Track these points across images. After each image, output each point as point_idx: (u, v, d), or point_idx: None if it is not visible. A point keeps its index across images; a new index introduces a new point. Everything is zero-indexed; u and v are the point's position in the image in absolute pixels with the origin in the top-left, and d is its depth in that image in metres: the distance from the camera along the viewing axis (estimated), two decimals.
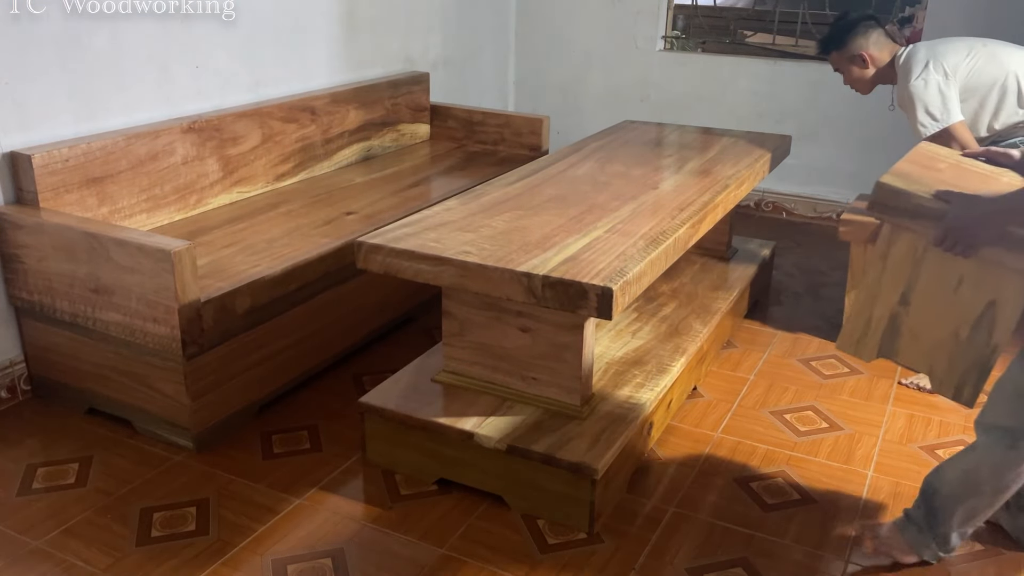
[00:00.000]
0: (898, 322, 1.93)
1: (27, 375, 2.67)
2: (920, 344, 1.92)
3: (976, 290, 1.81)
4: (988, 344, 1.83)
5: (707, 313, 2.87)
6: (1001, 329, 1.81)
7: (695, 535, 2.12)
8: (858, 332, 1.98)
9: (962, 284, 1.82)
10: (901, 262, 1.88)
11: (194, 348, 2.31)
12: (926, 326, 1.90)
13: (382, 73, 4.03)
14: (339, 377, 2.86)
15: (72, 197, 2.57)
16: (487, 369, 2.31)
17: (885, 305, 1.93)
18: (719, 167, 2.90)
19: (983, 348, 1.84)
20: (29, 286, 2.52)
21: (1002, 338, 1.81)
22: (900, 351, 1.96)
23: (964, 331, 1.84)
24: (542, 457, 2.08)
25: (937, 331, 1.88)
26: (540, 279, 1.94)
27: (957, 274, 1.82)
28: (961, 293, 1.83)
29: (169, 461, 2.38)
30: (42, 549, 2.03)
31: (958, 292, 1.83)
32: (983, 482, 1.87)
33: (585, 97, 5.08)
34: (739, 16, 5.26)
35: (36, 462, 2.37)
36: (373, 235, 2.18)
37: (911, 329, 1.92)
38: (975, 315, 1.82)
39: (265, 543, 2.06)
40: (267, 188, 3.31)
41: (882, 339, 1.96)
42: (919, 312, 1.89)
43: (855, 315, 1.99)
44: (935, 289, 1.86)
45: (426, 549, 2.05)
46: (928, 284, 1.86)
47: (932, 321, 1.88)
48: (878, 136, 4.40)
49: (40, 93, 2.57)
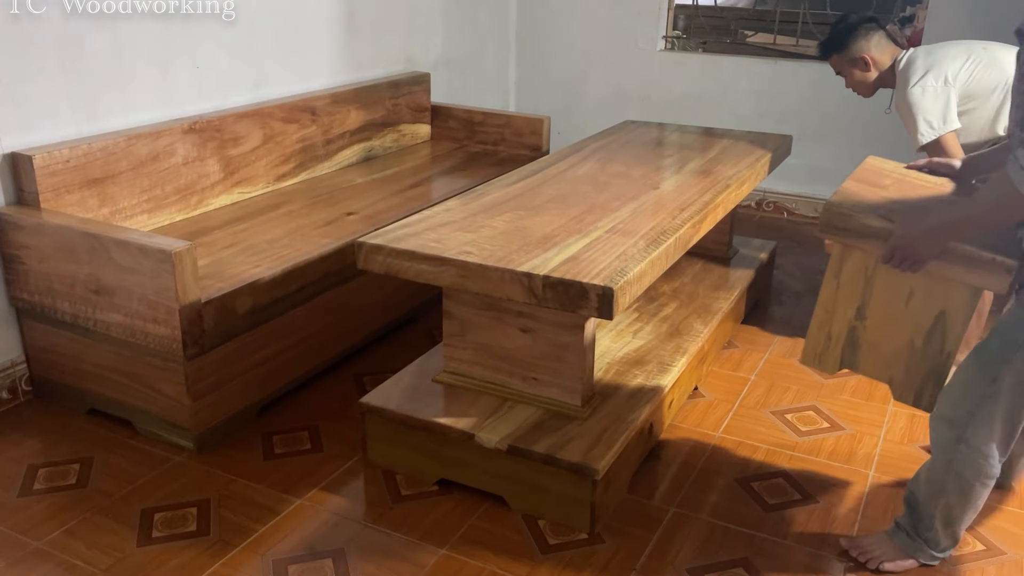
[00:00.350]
0: (856, 335, 2.03)
1: (28, 376, 2.67)
2: (879, 355, 2.02)
3: (926, 302, 1.91)
4: (942, 352, 1.94)
5: (708, 313, 2.87)
6: (952, 337, 1.92)
7: (696, 535, 2.12)
8: (819, 346, 2.08)
9: (913, 297, 1.93)
10: (854, 279, 1.98)
11: (195, 349, 2.32)
12: (883, 338, 1.99)
13: (383, 73, 4.03)
14: (340, 378, 2.86)
15: (73, 198, 2.57)
16: (488, 369, 2.31)
17: (843, 320, 2.03)
18: (720, 167, 2.90)
19: (937, 356, 1.94)
20: (30, 287, 2.52)
21: (954, 345, 1.92)
22: (860, 363, 2.05)
23: (918, 341, 1.95)
24: (543, 457, 2.07)
25: (893, 342, 1.98)
26: (541, 279, 1.94)
27: (907, 288, 1.92)
28: (913, 305, 1.93)
29: (170, 462, 2.38)
30: (43, 550, 2.03)
31: (910, 305, 1.93)
32: (945, 481, 1.87)
33: (586, 97, 5.07)
34: (740, 16, 5.26)
35: (37, 463, 2.37)
36: (374, 235, 2.18)
37: (869, 341, 2.02)
38: (927, 325, 1.93)
39: (266, 543, 2.06)
40: (268, 189, 3.31)
41: (843, 352, 2.06)
42: (875, 325, 1.99)
43: (815, 330, 2.07)
44: (888, 303, 1.95)
45: (427, 549, 2.05)
46: (881, 298, 1.96)
47: (888, 333, 1.98)
48: (879, 136, 4.39)
49: (41, 94, 2.57)
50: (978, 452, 1.82)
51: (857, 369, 2.08)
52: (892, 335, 1.98)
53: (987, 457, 1.82)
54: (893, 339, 1.99)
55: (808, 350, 2.11)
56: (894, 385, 2.04)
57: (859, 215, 1.93)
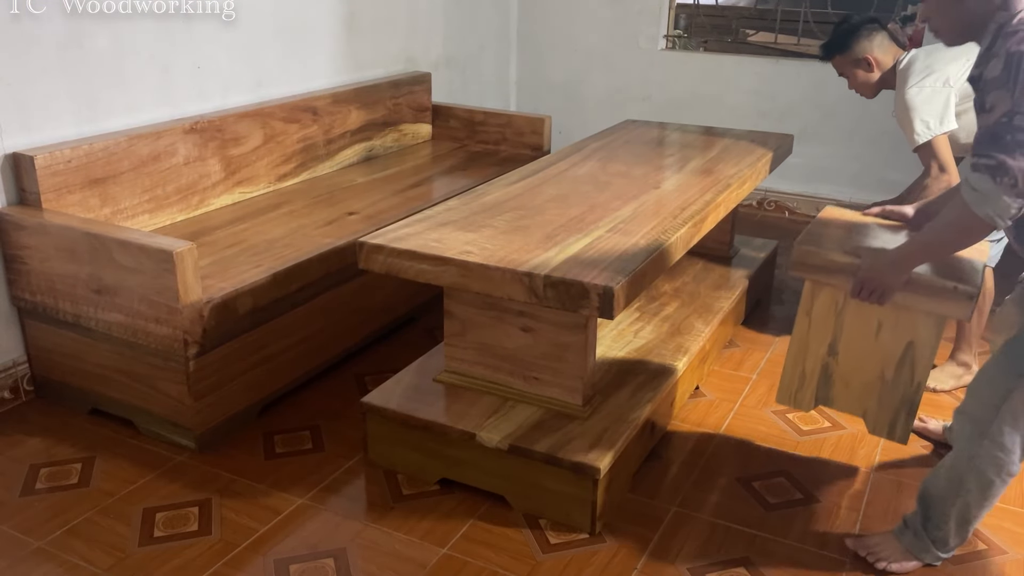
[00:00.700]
0: (829, 371, 2.12)
1: (30, 375, 2.68)
2: (852, 390, 2.11)
3: (895, 334, 2.01)
4: (912, 382, 2.03)
5: (709, 312, 2.87)
6: (921, 367, 2.01)
7: (697, 535, 2.12)
8: (794, 385, 2.17)
9: (882, 329, 2.02)
10: (825, 315, 2.07)
11: (196, 348, 2.32)
12: (855, 372, 2.09)
13: (384, 73, 4.03)
14: (341, 377, 2.86)
15: (74, 198, 2.57)
16: (489, 369, 2.31)
17: (815, 357, 2.12)
18: (721, 166, 2.90)
19: (908, 386, 2.04)
20: (32, 287, 2.52)
21: (923, 375, 2.02)
22: (835, 398, 2.15)
23: (889, 372, 2.04)
24: (544, 457, 2.07)
25: (865, 375, 2.07)
26: (542, 279, 1.94)
27: (876, 321, 2.01)
28: (882, 338, 2.02)
29: (171, 461, 2.38)
30: (45, 549, 2.04)
31: (879, 337, 2.02)
32: (966, 478, 1.88)
33: (587, 97, 5.07)
34: (741, 15, 5.26)
35: (39, 462, 2.37)
36: (375, 235, 2.18)
37: (842, 376, 2.11)
38: (897, 357, 2.03)
39: (267, 543, 2.07)
40: (269, 188, 3.31)
41: (817, 389, 2.15)
42: (847, 360, 2.08)
43: (789, 369, 2.17)
44: (858, 337, 2.05)
45: (428, 549, 2.05)
46: (851, 333, 2.05)
47: (859, 367, 2.07)
48: (880, 134, 4.39)
49: (42, 94, 2.57)
50: (1000, 447, 1.82)
51: (831, 405, 2.17)
52: (864, 368, 2.07)
53: (1009, 453, 1.82)
54: (865, 372, 2.07)
55: (783, 389, 2.20)
56: (868, 418, 2.13)
57: (826, 252, 2.03)
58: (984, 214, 1.69)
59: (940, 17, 1.86)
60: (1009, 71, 1.64)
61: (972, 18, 1.80)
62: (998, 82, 1.66)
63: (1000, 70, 1.66)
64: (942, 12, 1.85)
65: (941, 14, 1.85)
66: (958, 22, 1.83)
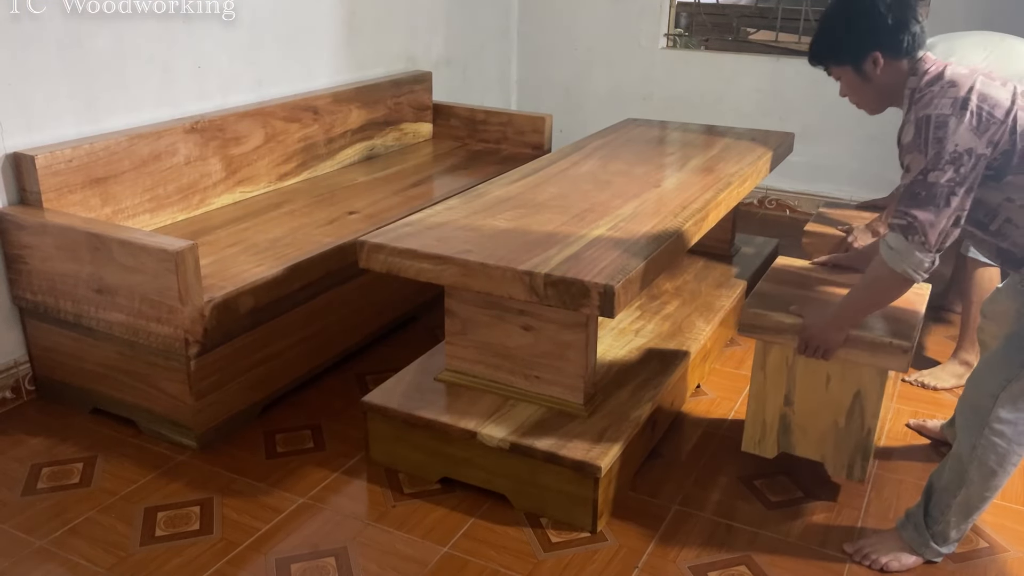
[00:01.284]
0: (788, 420, 2.24)
1: (31, 375, 2.68)
2: (809, 437, 2.23)
3: (843, 384, 2.13)
4: (863, 428, 2.15)
5: (710, 311, 2.87)
6: (870, 414, 2.13)
7: (698, 533, 2.12)
8: (757, 434, 2.29)
9: (831, 381, 2.15)
10: (777, 370, 2.20)
11: (197, 348, 2.32)
12: (810, 421, 2.21)
13: (384, 72, 4.03)
14: (342, 376, 2.86)
15: (75, 197, 2.57)
16: (490, 368, 2.31)
17: (773, 408, 2.24)
18: (722, 165, 2.90)
19: (860, 432, 2.15)
20: (33, 286, 2.52)
21: (872, 421, 2.13)
22: (795, 445, 2.26)
23: (841, 420, 2.17)
24: (545, 455, 2.07)
25: (820, 424, 2.20)
26: (542, 278, 1.94)
27: (824, 373, 2.14)
28: (832, 389, 2.15)
29: (173, 460, 2.38)
30: (47, 549, 2.04)
31: (829, 388, 2.15)
32: (968, 469, 1.88)
33: (587, 95, 5.07)
34: (742, 13, 5.26)
35: (40, 462, 2.37)
36: (376, 234, 2.18)
37: (799, 425, 2.23)
38: (847, 405, 2.15)
39: (269, 542, 2.07)
40: (270, 188, 3.31)
41: (778, 437, 2.27)
42: (802, 410, 2.21)
43: (751, 420, 2.28)
44: (810, 388, 2.18)
45: (429, 548, 2.05)
46: (803, 385, 2.18)
47: (814, 416, 2.20)
48: (881, 133, 4.38)
49: (43, 94, 2.57)
50: (1000, 435, 1.83)
51: (793, 451, 2.27)
52: (818, 417, 2.19)
53: (1010, 442, 1.83)
54: (820, 421, 2.20)
55: (748, 439, 2.31)
56: (827, 462, 2.23)
57: (772, 314, 2.14)
58: (901, 270, 1.83)
59: (856, 96, 1.99)
60: (919, 133, 1.77)
61: (885, 90, 1.93)
62: (912, 145, 1.79)
63: (912, 135, 1.79)
64: (857, 93, 1.97)
65: (857, 94, 1.98)
66: (875, 97, 1.96)
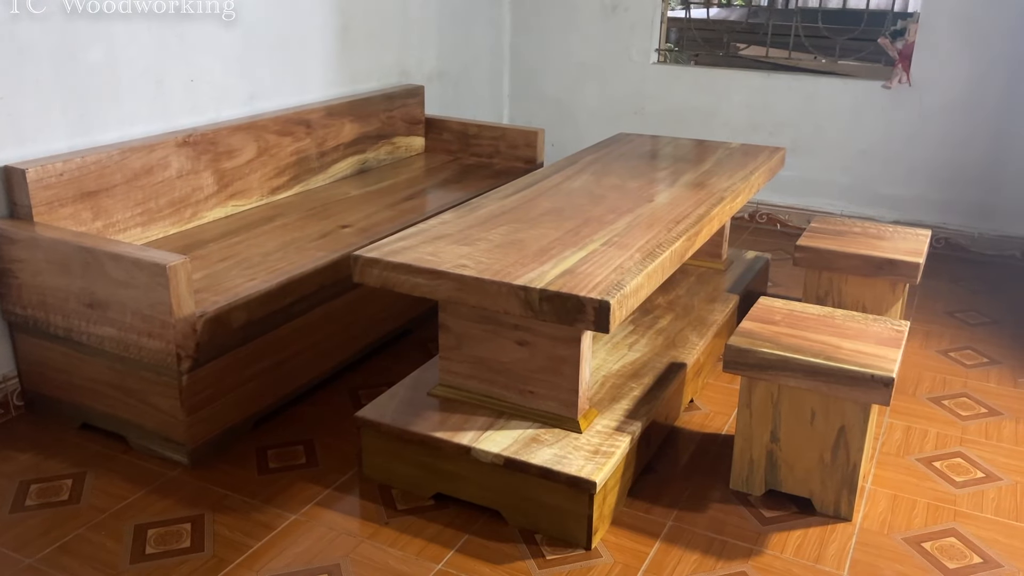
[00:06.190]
0: (775, 457, 2.27)
1: (20, 390, 2.65)
2: (796, 473, 2.26)
3: (827, 420, 2.17)
4: (848, 463, 2.18)
5: (703, 325, 2.87)
6: (855, 449, 2.16)
7: (694, 548, 2.11)
8: (745, 471, 2.32)
9: (815, 417, 2.18)
10: (763, 407, 2.24)
11: (189, 363, 2.30)
12: (796, 456, 2.24)
13: (377, 86, 4.04)
14: (335, 391, 2.84)
15: (66, 211, 2.56)
16: (484, 383, 2.30)
17: (760, 445, 2.27)
18: (714, 179, 2.91)
19: (845, 467, 2.19)
20: (23, 301, 2.51)
21: (857, 457, 2.16)
22: (782, 481, 2.28)
23: (827, 456, 2.20)
24: (540, 471, 2.07)
25: (806, 459, 2.23)
26: (537, 292, 1.94)
27: (809, 409, 2.18)
28: (816, 425, 2.19)
29: (164, 477, 2.36)
30: (36, 567, 2.01)
31: (814, 424, 2.19)
32: None
33: (580, 110, 5.09)
34: (732, 29, 5.29)
35: (29, 478, 2.35)
36: (369, 248, 2.18)
37: (785, 461, 2.26)
38: (832, 441, 2.18)
39: (261, 559, 2.05)
40: (262, 201, 3.31)
41: (766, 473, 2.29)
42: (788, 446, 2.24)
43: (739, 457, 2.31)
44: (795, 424, 2.21)
45: (423, 565, 2.04)
46: (789, 421, 2.22)
47: (800, 452, 2.23)
48: (872, 147, 4.42)
49: (35, 107, 2.56)
50: None
51: (781, 487, 2.29)
52: (804, 453, 2.23)
53: None
54: (805, 456, 2.23)
55: (735, 476, 2.33)
56: (814, 498, 2.26)
57: (757, 350, 2.18)
58: None
59: None
60: None
61: None
62: None
63: None
64: None
65: None
66: None
